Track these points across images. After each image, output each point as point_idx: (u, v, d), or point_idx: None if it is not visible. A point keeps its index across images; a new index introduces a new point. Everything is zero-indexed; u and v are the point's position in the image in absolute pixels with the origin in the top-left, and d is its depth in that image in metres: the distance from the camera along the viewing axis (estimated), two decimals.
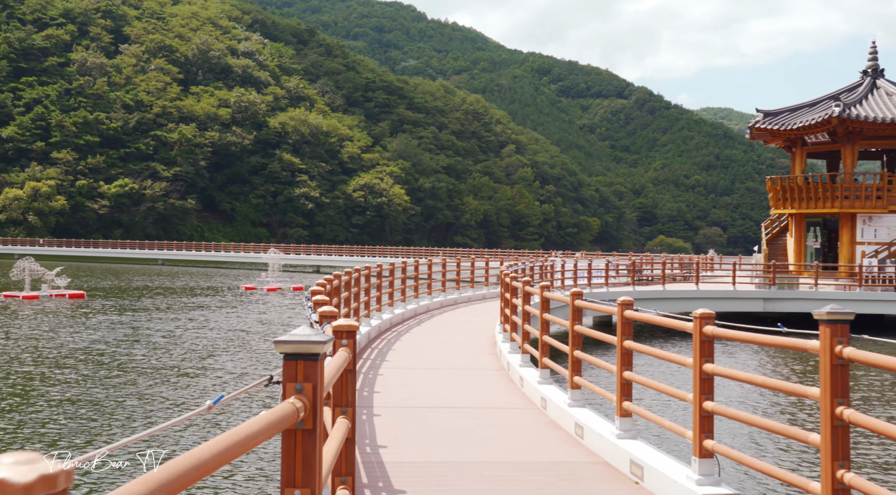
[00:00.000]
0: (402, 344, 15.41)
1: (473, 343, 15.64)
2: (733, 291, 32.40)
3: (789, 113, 39.11)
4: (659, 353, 6.87)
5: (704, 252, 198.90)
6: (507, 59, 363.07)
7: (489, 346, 15.12)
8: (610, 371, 7.75)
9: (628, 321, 7.42)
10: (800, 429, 4.76)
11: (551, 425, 8.78)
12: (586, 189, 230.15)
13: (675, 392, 6.51)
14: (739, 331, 5.53)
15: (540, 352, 10.22)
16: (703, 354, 5.78)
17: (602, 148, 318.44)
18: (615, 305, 7.56)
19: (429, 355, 13.92)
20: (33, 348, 22.88)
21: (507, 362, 12.39)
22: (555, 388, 9.78)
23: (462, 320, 20.38)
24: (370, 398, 9.99)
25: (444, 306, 24.45)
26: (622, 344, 7.36)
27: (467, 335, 16.98)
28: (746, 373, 5.56)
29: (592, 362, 8.43)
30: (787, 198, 39.44)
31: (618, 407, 7.42)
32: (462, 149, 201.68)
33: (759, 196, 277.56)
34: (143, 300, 41.83)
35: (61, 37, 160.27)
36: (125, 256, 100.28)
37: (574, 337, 8.90)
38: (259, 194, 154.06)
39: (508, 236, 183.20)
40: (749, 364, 22.55)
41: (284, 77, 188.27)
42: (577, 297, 8.87)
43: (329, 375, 3.44)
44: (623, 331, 7.40)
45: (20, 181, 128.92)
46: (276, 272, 54.29)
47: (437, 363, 13.01)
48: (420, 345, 15.35)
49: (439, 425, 8.55)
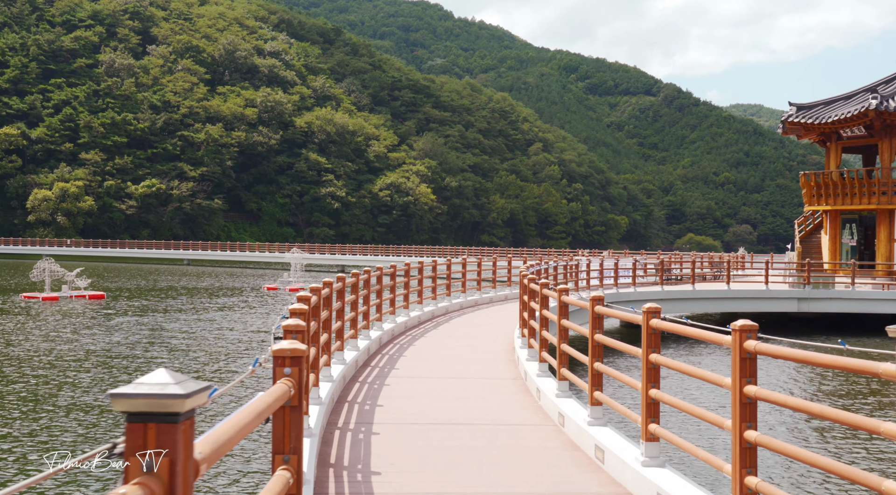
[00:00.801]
0: (414, 349, 14.57)
1: (490, 349, 14.74)
2: (766, 291, 31.23)
3: (824, 106, 37.84)
4: (692, 371, 5.90)
5: (734, 250, 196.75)
6: (534, 57, 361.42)
7: (507, 352, 14.22)
8: (634, 387, 6.83)
9: (655, 331, 6.49)
10: (875, 476, 3.81)
11: (569, 446, 7.88)
12: (614, 187, 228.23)
13: (711, 417, 5.57)
14: (790, 349, 4.59)
15: (558, 361, 9.26)
16: (743, 374, 4.88)
17: (630, 145, 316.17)
18: (639, 312, 6.65)
19: (441, 362, 13.10)
20: (47, 350, 22.30)
21: (524, 371, 11.50)
22: (574, 403, 8.87)
23: (481, 323, 19.45)
24: (371, 412, 9.15)
25: (463, 308, 23.52)
26: (648, 357, 6.44)
27: (485, 340, 16.08)
28: (801, 400, 4.69)
29: (614, 376, 7.51)
30: (821, 194, 38.18)
31: (643, 431, 6.50)
32: (489, 148, 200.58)
33: (789, 193, 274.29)
34: (164, 301, 41.33)
35: (89, 38, 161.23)
36: (151, 256, 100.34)
37: (594, 347, 8.00)
38: (285, 194, 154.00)
39: (535, 235, 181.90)
40: (783, 375, 21.42)
41: (311, 76, 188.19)
42: (597, 303, 7.96)
43: (223, 435, 2.36)
44: (649, 343, 6.47)
45: (49, 182, 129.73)
46: (299, 272, 53.68)
47: (449, 371, 12.19)
48: (433, 350, 14.49)
49: (444, 446, 7.69)
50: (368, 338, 14.06)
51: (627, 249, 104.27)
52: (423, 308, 20.14)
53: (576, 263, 25.22)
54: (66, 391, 16.47)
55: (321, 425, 7.89)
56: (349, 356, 11.97)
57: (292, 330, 5.14)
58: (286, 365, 3.33)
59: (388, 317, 17.18)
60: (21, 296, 40.44)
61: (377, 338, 14.63)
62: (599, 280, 27.76)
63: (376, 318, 15.55)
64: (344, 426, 8.50)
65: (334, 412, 9.18)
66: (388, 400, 9.85)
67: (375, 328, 15.48)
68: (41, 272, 40.81)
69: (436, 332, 17.31)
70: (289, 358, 3.35)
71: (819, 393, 18.64)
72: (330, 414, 9.04)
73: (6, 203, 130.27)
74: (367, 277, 13.96)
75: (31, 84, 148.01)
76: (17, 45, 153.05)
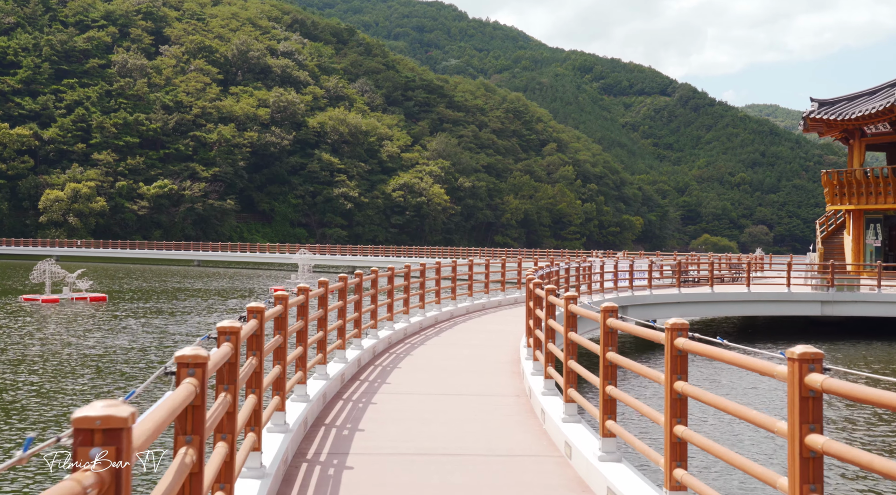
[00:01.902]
0: (411, 360, 13.33)
1: (494, 359, 13.50)
2: (788, 293, 29.85)
3: (847, 102, 36.44)
4: (735, 409, 4.49)
5: (751, 251, 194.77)
6: (548, 58, 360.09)
7: (512, 363, 12.98)
8: (656, 421, 5.51)
9: (681, 353, 5.23)
10: None
11: (576, 484, 6.58)
12: (629, 187, 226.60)
13: (760, 473, 4.27)
14: None
15: (565, 381, 7.99)
16: (674, 371, 3.63)
17: (645, 146, 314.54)
18: (661, 327, 5.43)
19: (439, 375, 11.85)
20: (38, 354, 21.25)
21: (528, 387, 10.27)
22: (583, 430, 7.61)
23: (486, 329, 18.15)
24: (349, 439, 7.91)
25: (469, 312, 22.27)
26: (672, 386, 5.17)
27: (489, 348, 14.84)
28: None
29: (632, 405, 6.22)
30: (844, 193, 36.81)
31: (666, 478, 5.22)
32: (503, 148, 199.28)
33: (806, 193, 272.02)
34: (166, 303, 40.33)
35: (102, 39, 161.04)
36: (161, 257, 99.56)
37: (607, 367, 6.66)
38: (298, 194, 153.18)
39: (550, 236, 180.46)
40: None
41: (324, 76, 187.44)
42: (610, 315, 6.70)
43: None
44: (674, 368, 5.15)
45: (61, 183, 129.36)
46: (307, 273, 52.60)
47: (446, 386, 10.94)
48: (432, 361, 13.26)
49: (427, 483, 6.47)
50: (360, 347, 12.85)
51: (643, 250, 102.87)
52: (425, 313, 18.89)
53: (588, 265, 23.97)
54: (34, 398, 15.39)
55: (283, 458, 6.70)
56: (334, 369, 10.78)
57: (226, 331, 4.03)
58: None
59: (385, 323, 15.97)
60: (21, 298, 39.51)
61: (371, 347, 13.43)
62: (614, 282, 26.50)
63: (371, 325, 14.33)
64: (314, 457, 7.30)
65: (307, 439, 7.99)
66: (371, 422, 8.66)
67: (371, 336, 14.27)
68: (41, 273, 39.91)
69: (437, 340, 16.09)
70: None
71: None
72: (301, 441, 7.85)
73: (18, 204, 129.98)
74: (359, 281, 12.76)
75: (43, 84, 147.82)
76: (29, 45, 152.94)
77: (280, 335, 7.15)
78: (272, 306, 7.15)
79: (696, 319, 35.09)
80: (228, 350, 4.47)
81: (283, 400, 7.42)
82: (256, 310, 5.81)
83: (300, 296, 8.28)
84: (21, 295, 41.08)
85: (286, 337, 7.26)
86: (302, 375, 8.67)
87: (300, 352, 8.44)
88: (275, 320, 7.20)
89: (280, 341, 7.10)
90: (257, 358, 5.80)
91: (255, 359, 5.76)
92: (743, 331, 32.93)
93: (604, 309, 6.80)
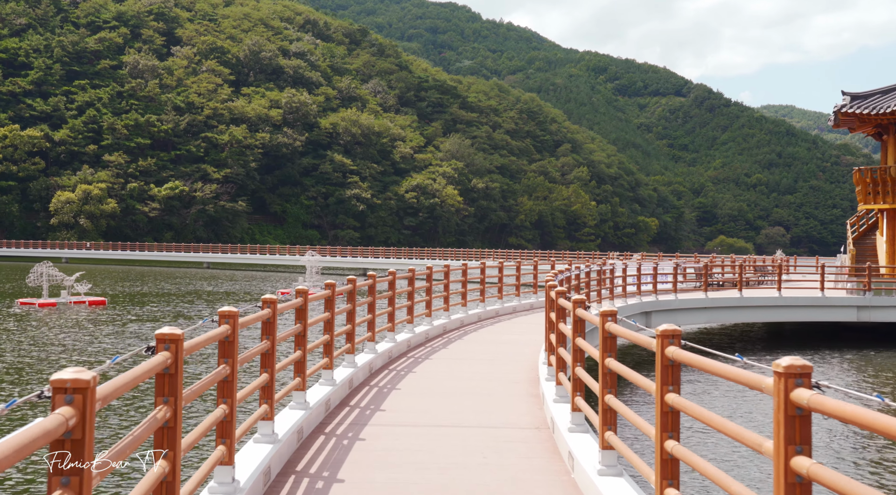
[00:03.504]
0: (412, 379, 11.60)
1: (508, 378, 11.65)
2: (822, 298, 27.97)
3: (881, 95, 34.54)
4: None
5: (766, 252, 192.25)
6: (562, 59, 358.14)
7: (529, 383, 11.15)
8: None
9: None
10: None
11: None
12: (644, 188, 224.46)
13: None
14: None
15: (601, 422, 6.18)
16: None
17: (660, 147, 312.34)
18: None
19: (443, 400, 10.09)
20: (25, 362, 19.69)
21: (551, 419, 8.49)
22: (626, 487, 5.86)
23: (500, 340, 16.30)
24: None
25: (481, 320, 20.43)
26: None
27: (502, 363, 13.04)
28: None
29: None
30: (877, 191, 34.87)
31: None
32: (516, 149, 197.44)
33: (823, 194, 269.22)
34: (168, 307, 38.80)
35: (114, 40, 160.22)
36: (170, 259, 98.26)
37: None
38: (310, 196, 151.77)
39: (564, 237, 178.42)
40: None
41: (336, 77, 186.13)
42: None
43: None
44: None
45: (72, 184, 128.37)
46: (316, 275, 50.98)
47: (450, 415, 9.24)
48: (437, 380, 11.54)
49: None
50: (354, 364, 11.07)
51: (661, 252, 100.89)
52: (432, 321, 17.03)
53: (611, 268, 22.21)
54: None
55: None
56: (316, 395, 8.98)
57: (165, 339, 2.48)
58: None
59: (386, 334, 14.17)
60: (17, 301, 38.06)
61: (367, 363, 11.67)
62: (637, 286, 24.73)
63: (367, 338, 12.53)
64: None
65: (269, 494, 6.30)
66: (353, 469, 6.86)
67: (368, 350, 12.43)
68: (38, 276, 38.44)
69: (444, 353, 14.30)
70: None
71: None
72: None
73: (29, 206, 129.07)
74: (353, 288, 11.01)
75: (54, 86, 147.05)
76: (41, 46, 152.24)
77: (226, 364, 5.46)
78: (213, 327, 5.46)
79: (719, 325, 33.27)
80: None
81: (231, 453, 5.64)
82: (170, 339, 4.13)
83: (266, 311, 6.56)
84: (19, 298, 39.66)
85: (234, 367, 5.55)
86: (268, 410, 6.94)
87: (264, 380, 6.67)
88: (220, 345, 5.55)
89: (227, 372, 5.41)
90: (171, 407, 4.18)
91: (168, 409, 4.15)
92: (770, 338, 31.09)
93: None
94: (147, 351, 4.22)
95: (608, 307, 6.39)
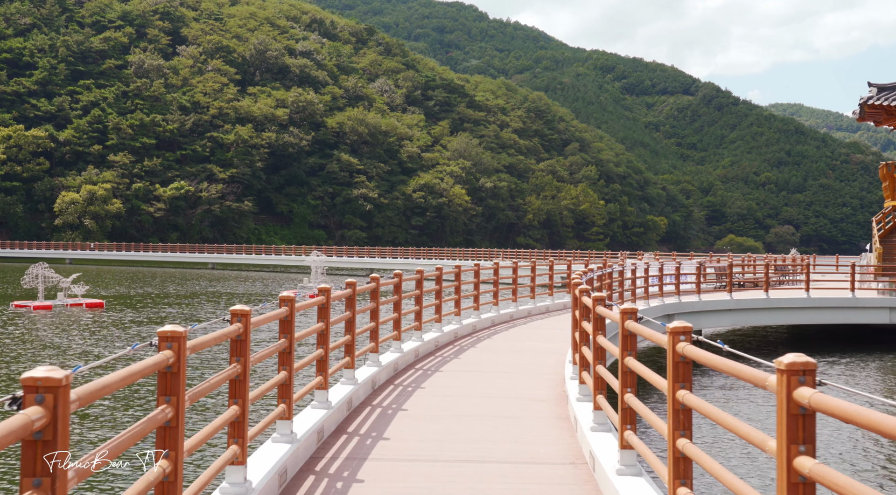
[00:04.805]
0: (420, 397, 10.13)
1: (531, 394, 10.17)
2: (852, 299, 26.53)
3: None
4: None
5: (776, 251, 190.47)
6: (569, 58, 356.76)
7: (556, 402, 9.78)
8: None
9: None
10: None
11: None
12: (652, 187, 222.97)
13: None
14: None
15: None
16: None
17: (668, 145, 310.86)
18: None
19: (455, 425, 8.59)
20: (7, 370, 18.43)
21: (590, 452, 6.96)
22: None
23: (517, 348, 14.77)
24: None
25: (495, 324, 18.93)
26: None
27: (522, 377, 11.50)
28: None
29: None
30: None
31: None
32: (524, 148, 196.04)
33: (833, 193, 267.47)
34: (168, 309, 37.56)
35: (119, 39, 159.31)
36: (175, 260, 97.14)
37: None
38: (317, 195, 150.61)
39: (572, 236, 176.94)
40: None
41: (343, 76, 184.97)
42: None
43: None
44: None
45: (76, 185, 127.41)
46: (321, 276, 49.71)
47: (464, 446, 7.70)
48: (448, 398, 10.09)
49: None
50: (354, 381, 9.63)
51: (674, 251, 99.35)
52: (442, 328, 15.54)
53: (632, 268, 20.84)
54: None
55: None
56: (307, 423, 7.57)
57: None
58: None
59: (392, 343, 12.71)
60: (12, 304, 36.83)
61: (369, 378, 10.21)
62: (659, 288, 23.35)
63: (371, 349, 11.00)
64: None
65: None
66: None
67: (371, 362, 10.96)
68: (33, 278, 37.19)
69: (456, 364, 12.80)
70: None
71: None
72: None
73: (34, 206, 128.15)
74: (352, 293, 9.62)
75: (59, 85, 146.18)
76: (45, 46, 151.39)
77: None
78: None
79: (740, 327, 31.85)
80: None
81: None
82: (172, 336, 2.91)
83: (237, 325, 5.27)
84: (13, 301, 38.43)
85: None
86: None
87: (233, 414, 5.42)
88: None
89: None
90: None
91: None
92: (794, 341, 29.65)
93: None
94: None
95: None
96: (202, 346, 4.64)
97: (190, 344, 4.46)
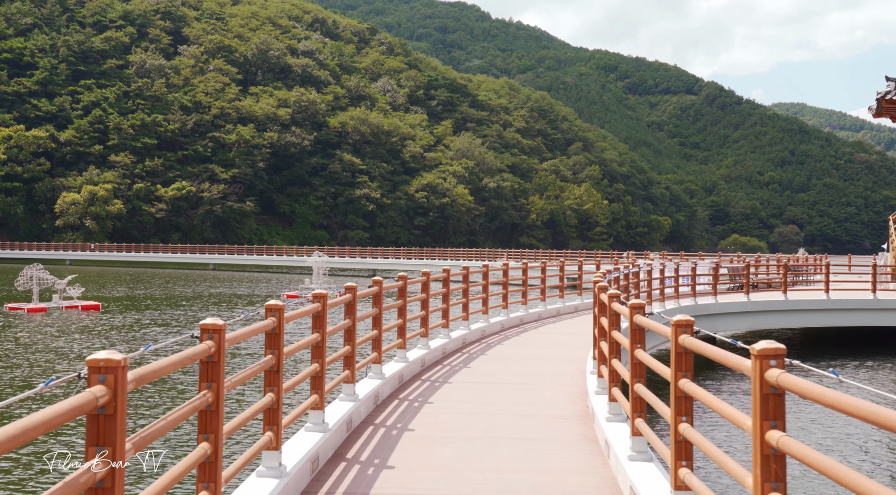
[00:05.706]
0: (427, 415, 9.08)
1: (551, 411, 9.23)
2: (874, 301, 25.56)
3: None
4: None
5: (780, 251, 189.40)
6: (572, 57, 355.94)
7: (579, 421, 8.77)
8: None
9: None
10: None
11: None
12: (656, 187, 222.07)
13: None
14: None
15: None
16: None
17: (671, 145, 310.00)
18: None
19: (467, 448, 7.56)
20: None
21: (630, 487, 5.89)
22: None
23: (530, 356, 13.76)
24: None
25: (504, 329, 17.90)
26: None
27: (539, 388, 10.49)
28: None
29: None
30: None
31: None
32: (527, 148, 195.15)
33: (837, 192, 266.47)
34: (166, 312, 36.67)
35: (120, 39, 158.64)
36: (176, 261, 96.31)
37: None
38: (319, 196, 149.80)
39: (576, 236, 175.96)
40: None
41: (345, 76, 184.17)
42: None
43: None
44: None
45: (77, 185, 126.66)
46: (322, 277, 48.81)
47: (476, 478, 6.59)
48: (458, 416, 9.00)
49: None
50: (355, 396, 8.64)
51: (683, 252, 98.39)
52: (449, 333, 14.58)
53: (648, 268, 19.91)
54: None
55: None
56: (367, 387, 8.18)
57: None
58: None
59: (397, 352, 11.74)
60: (6, 306, 35.95)
61: (373, 391, 9.23)
62: (675, 289, 22.42)
63: (373, 360, 9.95)
64: None
65: None
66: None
67: (373, 373, 9.86)
68: (28, 280, 36.33)
69: (465, 374, 11.76)
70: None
71: None
72: None
73: (34, 207, 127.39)
74: (352, 297, 8.71)
75: (60, 85, 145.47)
76: (46, 46, 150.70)
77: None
78: None
79: (760, 329, 30.88)
80: None
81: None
82: None
83: (207, 344, 4.39)
84: (7, 303, 37.55)
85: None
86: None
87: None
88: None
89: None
90: None
91: None
92: (812, 344, 28.69)
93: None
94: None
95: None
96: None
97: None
